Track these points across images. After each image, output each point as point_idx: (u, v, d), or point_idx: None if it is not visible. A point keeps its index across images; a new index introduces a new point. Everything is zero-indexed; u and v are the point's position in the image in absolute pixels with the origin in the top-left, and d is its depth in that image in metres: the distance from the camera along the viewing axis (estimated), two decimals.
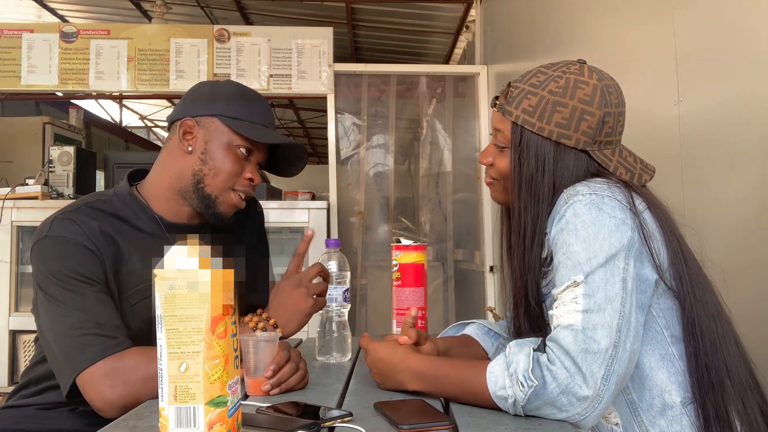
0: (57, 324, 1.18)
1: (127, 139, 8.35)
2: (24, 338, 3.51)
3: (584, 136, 1.09)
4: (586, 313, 0.97)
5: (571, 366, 0.95)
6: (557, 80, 1.11)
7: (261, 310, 1.33)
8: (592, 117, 1.09)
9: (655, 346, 1.05)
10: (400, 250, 1.43)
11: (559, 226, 1.04)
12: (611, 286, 0.98)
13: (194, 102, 1.36)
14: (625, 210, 1.02)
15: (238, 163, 1.33)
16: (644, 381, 1.05)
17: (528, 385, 0.95)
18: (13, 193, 3.53)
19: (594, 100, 1.09)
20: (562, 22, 2.65)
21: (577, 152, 1.10)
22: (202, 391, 0.79)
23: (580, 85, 1.10)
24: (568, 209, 1.03)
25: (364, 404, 1.05)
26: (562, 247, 1.03)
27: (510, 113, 1.13)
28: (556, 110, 1.09)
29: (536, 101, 1.10)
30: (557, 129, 1.09)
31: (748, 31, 1.43)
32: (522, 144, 1.11)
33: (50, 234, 1.24)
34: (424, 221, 4.28)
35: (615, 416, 1.06)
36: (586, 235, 1.00)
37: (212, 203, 1.33)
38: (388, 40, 5.54)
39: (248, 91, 1.40)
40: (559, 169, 1.10)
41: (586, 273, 0.99)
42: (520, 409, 0.97)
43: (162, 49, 4.03)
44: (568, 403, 0.94)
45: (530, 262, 1.11)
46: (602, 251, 0.99)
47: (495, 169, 1.19)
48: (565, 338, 0.97)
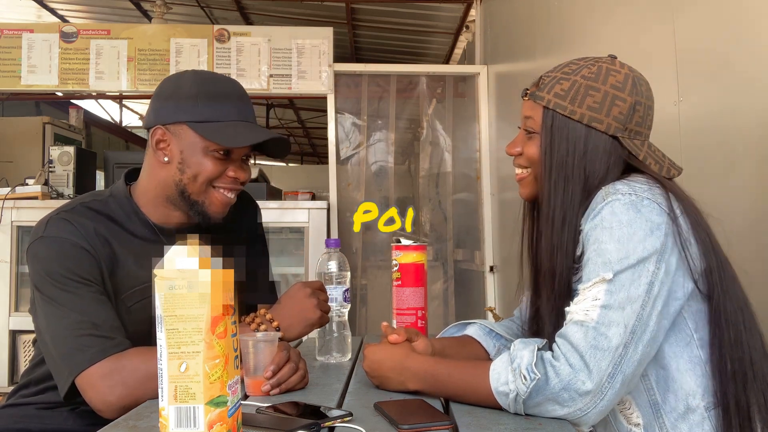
0: (55, 325, 1.18)
1: (127, 139, 8.35)
2: (24, 338, 3.51)
3: (615, 122, 1.09)
4: (604, 309, 0.97)
5: (577, 362, 0.95)
6: (590, 67, 1.12)
7: (264, 310, 1.32)
8: (623, 103, 1.09)
9: (683, 349, 1.04)
10: (400, 250, 1.43)
11: (593, 223, 1.03)
12: (635, 288, 0.98)
13: (160, 106, 1.30)
14: (662, 214, 1.01)
15: (219, 164, 1.29)
16: (669, 383, 1.04)
17: (531, 378, 0.95)
18: (13, 193, 3.53)
19: (626, 87, 1.09)
20: (562, 22, 2.65)
21: (608, 138, 1.09)
22: (202, 391, 0.79)
23: (612, 73, 1.11)
24: (605, 207, 1.02)
25: (364, 404, 1.05)
26: (594, 243, 1.02)
27: (541, 98, 1.13)
28: (588, 94, 1.09)
29: (568, 86, 1.11)
30: (589, 113, 1.09)
31: (748, 31, 1.43)
32: (553, 127, 1.11)
33: (46, 234, 1.23)
34: (424, 221, 4.28)
35: (637, 416, 1.05)
36: (620, 235, 1.00)
37: (200, 207, 1.31)
38: (388, 40, 5.54)
39: (214, 85, 1.31)
40: (590, 154, 1.09)
41: (615, 271, 0.98)
42: (520, 406, 0.97)
43: (162, 49, 4.03)
44: (569, 399, 0.95)
45: (560, 249, 1.09)
46: (635, 253, 0.99)
47: (524, 157, 1.17)
48: (575, 334, 0.97)
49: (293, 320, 1.29)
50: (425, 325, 1.43)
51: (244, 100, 1.33)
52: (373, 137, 4.23)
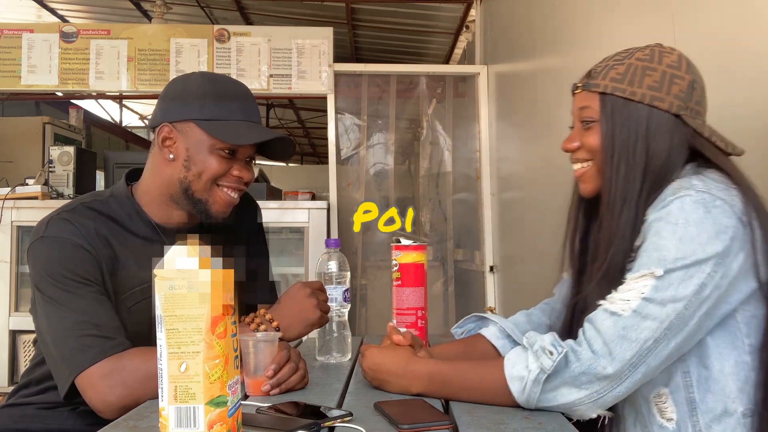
0: (55, 325, 1.18)
1: (127, 139, 8.34)
2: (24, 338, 3.51)
3: (677, 100, 1.06)
4: (645, 301, 0.96)
5: (600, 348, 0.95)
6: (642, 50, 1.09)
7: (264, 310, 1.32)
8: (682, 81, 1.07)
9: (731, 352, 1.01)
10: (400, 250, 1.43)
11: (659, 214, 1.00)
12: (684, 288, 0.95)
13: (168, 105, 1.32)
14: (733, 217, 0.97)
15: (224, 163, 1.30)
16: (710, 384, 1.01)
17: (558, 352, 0.96)
18: (13, 193, 3.53)
19: (681, 66, 1.08)
20: (562, 22, 2.65)
21: (671, 116, 1.06)
22: (202, 391, 0.79)
23: (665, 54, 1.09)
24: (675, 200, 0.99)
25: (364, 404, 1.05)
26: (654, 235, 0.99)
27: (597, 85, 1.10)
28: (646, 74, 1.06)
29: (624, 69, 1.08)
30: (650, 92, 1.06)
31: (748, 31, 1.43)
32: (614, 112, 1.08)
33: (47, 234, 1.24)
34: (424, 221, 4.28)
35: (672, 411, 1.03)
36: (683, 234, 0.96)
37: (204, 206, 1.32)
38: (388, 40, 5.54)
39: (221, 85, 1.33)
40: (653, 133, 1.06)
41: (666, 269, 0.96)
42: (537, 390, 0.96)
43: (162, 49, 4.03)
44: (587, 382, 0.95)
45: (618, 236, 1.06)
46: (693, 254, 0.96)
47: (584, 149, 1.13)
48: (605, 321, 0.97)
49: (293, 320, 1.29)
50: (425, 325, 1.43)
51: (250, 101, 1.35)
52: (373, 137, 4.23)
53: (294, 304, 1.30)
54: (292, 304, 1.30)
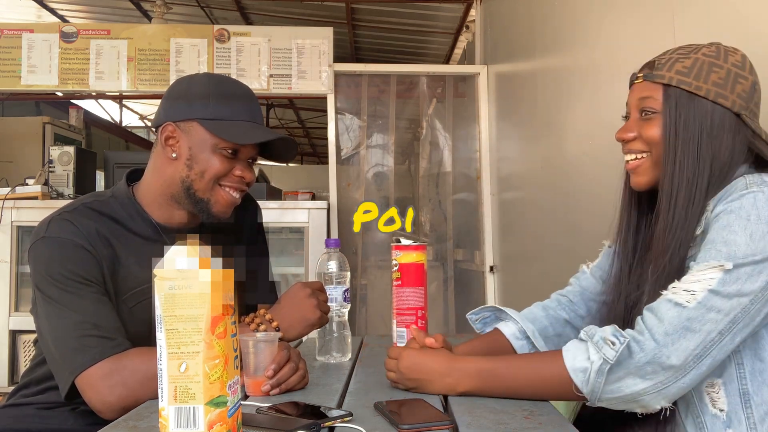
0: (55, 325, 1.18)
1: (127, 139, 8.35)
2: (24, 338, 3.51)
3: (740, 99, 1.07)
4: (711, 293, 0.95)
5: (663, 337, 0.95)
6: (708, 47, 1.09)
7: (264, 310, 1.32)
8: (746, 81, 1.07)
9: None
10: (400, 250, 1.43)
11: (729, 207, 0.99)
12: (752, 283, 0.95)
13: (172, 105, 1.32)
14: None
15: (227, 163, 1.30)
16: (765, 376, 1.01)
17: (621, 342, 0.95)
18: (13, 193, 3.53)
19: (745, 67, 1.09)
20: (562, 22, 2.65)
21: (733, 115, 1.06)
22: (202, 391, 0.79)
23: (730, 52, 1.09)
24: (747, 195, 0.98)
25: (364, 404, 1.05)
26: (724, 228, 0.98)
27: (662, 77, 1.09)
28: (712, 70, 1.07)
29: (690, 63, 1.08)
30: (715, 88, 1.06)
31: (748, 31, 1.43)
32: (678, 104, 1.07)
33: (47, 235, 1.24)
34: (424, 221, 4.28)
35: (723, 402, 1.02)
36: (755, 231, 0.96)
37: (206, 205, 1.32)
38: (388, 40, 5.54)
39: (226, 86, 1.34)
40: (716, 130, 1.06)
41: (736, 263, 0.96)
42: (601, 380, 0.96)
43: (162, 49, 4.03)
44: (652, 372, 0.95)
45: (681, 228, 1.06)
46: (763, 251, 0.96)
47: (642, 140, 1.12)
48: (668, 312, 0.96)
49: (293, 320, 1.29)
50: (425, 325, 1.43)
51: (253, 102, 1.36)
52: (373, 137, 4.23)
53: (294, 304, 1.30)
54: (292, 305, 1.30)
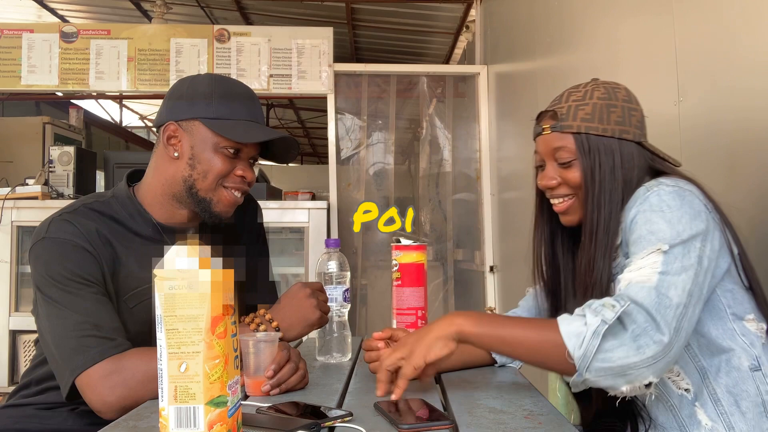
0: (56, 326, 1.18)
1: (127, 139, 8.35)
2: (24, 338, 3.51)
3: (636, 129, 1.21)
4: (662, 275, 1.03)
5: (646, 315, 1.00)
6: (597, 89, 1.22)
7: (264, 311, 1.32)
8: (636, 112, 1.22)
9: (717, 323, 1.12)
10: (400, 250, 1.43)
11: (641, 207, 1.11)
12: (688, 259, 1.05)
13: (174, 104, 1.33)
14: (701, 204, 1.11)
15: (228, 162, 1.31)
16: (712, 348, 1.12)
17: (621, 304, 0.99)
18: (13, 193, 3.53)
19: (631, 99, 1.23)
20: (562, 22, 2.65)
21: (635, 144, 1.20)
22: (202, 391, 0.79)
23: (616, 90, 1.22)
24: (652, 194, 1.11)
25: (364, 404, 1.05)
26: (645, 224, 1.09)
27: (570, 126, 1.21)
28: (611, 111, 1.20)
29: (591, 109, 1.20)
30: (618, 127, 1.19)
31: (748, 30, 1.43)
32: (591, 148, 1.20)
33: (48, 235, 1.24)
34: (424, 221, 4.28)
35: (686, 382, 1.12)
36: (671, 217, 1.08)
37: (208, 205, 1.32)
38: (388, 40, 5.54)
39: (228, 85, 1.35)
40: (626, 163, 1.19)
41: (670, 244, 1.06)
42: (593, 345, 0.98)
43: (162, 49, 4.03)
44: (645, 345, 0.98)
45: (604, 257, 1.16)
46: (685, 231, 1.07)
47: (565, 185, 1.24)
48: (639, 293, 1.02)
49: (293, 320, 1.29)
50: (425, 325, 1.43)
51: (255, 103, 1.37)
52: (373, 137, 4.23)
53: (294, 304, 1.30)
54: (292, 305, 1.30)
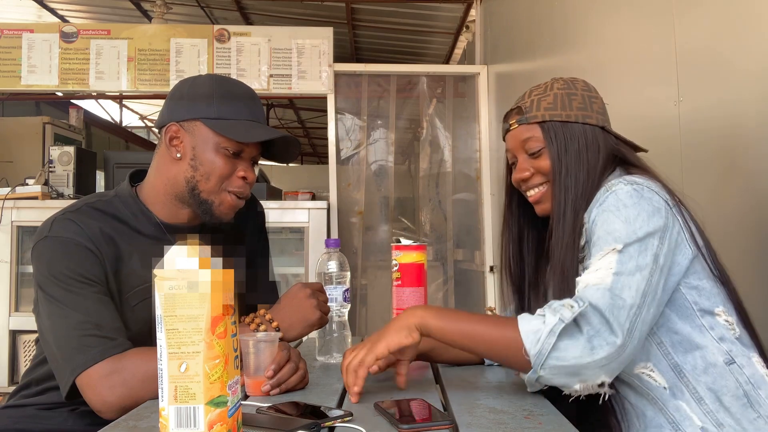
0: (57, 325, 1.18)
1: (127, 139, 8.35)
2: (24, 338, 3.51)
3: (598, 114, 1.24)
4: (617, 275, 1.04)
5: (600, 318, 1.01)
6: (556, 81, 1.26)
7: (264, 311, 1.32)
8: (597, 99, 1.25)
9: (686, 320, 1.12)
10: (400, 250, 1.43)
11: (600, 209, 1.12)
12: (643, 258, 1.06)
13: (175, 105, 1.33)
14: (661, 201, 1.11)
15: (230, 163, 1.31)
16: (686, 345, 1.11)
17: (579, 305, 1.01)
18: (13, 193, 3.53)
19: (590, 88, 1.26)
20: (562, 22, 2.65)
21: (598, 129, 1.23)
22: (202, 391, 0.79)
23: (574, 82, 1.26)
24: (609, 195, 1.12)
25: (364, 404, 1.05)
26: (602, 225, 1.10)
27: (535, 116, 1.23)
28: (571, 99, 1.23)
29: (552, 99, 1.24)
30: (580, 112, 1.22)
31: (748, 31, 1.43)
32: (557, 135, 1.22)
33: (51, 234, 1.24)
34: (424, 221, 4.28)
35: (662, 380, 1.11)
36: (627, 216, 1.09)
37: (210, 207, 1.32)
38: (388, 40, 5.54)
39: (229, 86, 1.35)
40: (591, 145, 1.21)
41: (624, 243, 1.07)
42: (549, 343, 0.99)
43: (162, 49, 4.03)
44: (598, 346, 0.99)
45: (569, 245, 1.16)
46: (641, 229, 1.07)
47: (538, 174, 1.25)
48: (593, 295, 1.03)
49: (293, 321, 1.29)
50: None
51: (256, 102, 1.37)
52: (373, 137, 4.23)
53: (294, 304, 1.31)
54: (292, 305, 1.31)
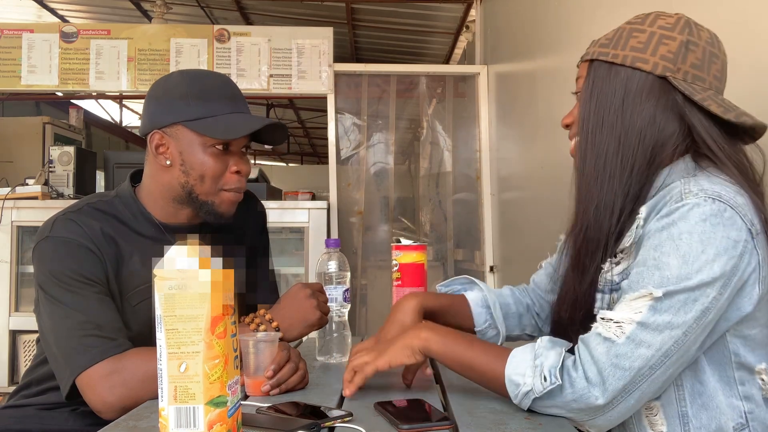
0: (58, 325, 1.18)
1: (127, 139, 8.35)
2: (24, 338, 3.51)
3: (663, 61, 0.98)
4: (640, 326, 0.89)
5: (594, 376, 0.91)
6: (637, 16, 1.04)
7: (264, 311, 1.32)
8: (673, 41, 0.98)
9: (717, 367, 0.97)
10: (400, 250, 1.43)
11: (661, 223, 0.92)
12: (684, 314, 0.88)
13: (154, 110, 1.31)
14: (743, 229, 0.89)
15: (220, 160, 1.30)
16: (705, 400, 0.96)
17: (551, 382, 0.92)
18: (13, 193, 3.53)
19: (676, 27, 1.00)
20: (562, 22, 2.65)
21: (654, 78, 0.98)
22: (202, 391, 0.79)
23: (661, 17, 1.02)
24: (680, 210, 0.90)
25: (364, 404, 1.05)
26: (656, 249, 0.91)
27: (588, 53, 1.05)
28: (632, 36, 1.01)
29: (612, 34, 1.03)
30: (632, 53, 0.99)
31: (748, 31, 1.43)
32: (595, 77, 1.02)
33: (52, 234, 1.24)
34: (424, 221, 4.28)
35: (662, 424, 0.98)
36: (688, 251, 0.88)
37: (210, 207, 1.32)
38: (388, 40, 5.54)
39: (203, 81, 1.31)
40: (631, 96, 0.99)
41: (668, 291, 0.89)
42: (527, 402, 0.96)
43: (162, 49, 4.03)
44: (578, 409, 0.93)
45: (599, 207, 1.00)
46: (698, 275, 0.88)
47: (574, 123, 1.07)
48: (598, 347, 0.91)
49: (293, 321, 1.29)
50: None
51: (234, 91, 1.33)
52: (373, 137, 4.23)
53: (294, 304, 1.30)
54: (292, 305, 1.31)
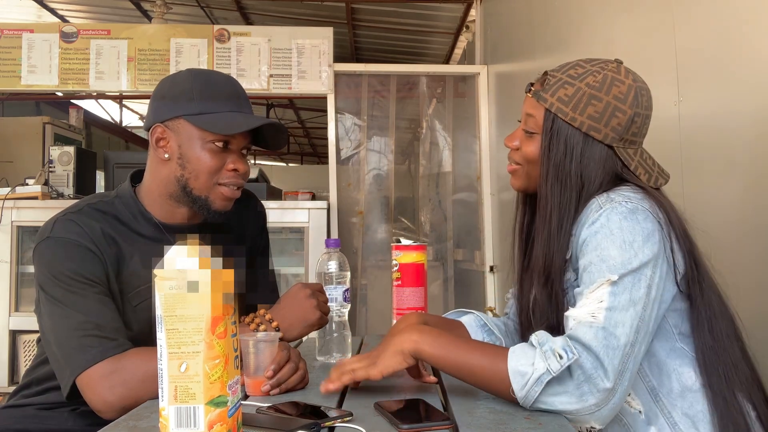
0: (58, 325, 1.18)
1: (127, 139, 8.35)
2: (24, 338, 3.51)
3: (612, 132, 1.12)
4: (609, 311, 1.00)
5: (594, 360, 0.97)
6: (595, 75, 1.14)
7: (264, 311, 1.32)
8: (623, 115, 1.12)
9: (665, 342, 1.10)
10: (400, 250, 1.43)
11: (592, 229, 1.06)
12: (636, 290, 1.02)
13: (158, 106, 1.32)
14: (654, 222, 1.06)
15: (218, 157, 1.29)
16: (661, 367, 1.09)
17: (568, 357, 0.96)
18: (13, 193, 3.53)
19: (627, 99, 1.12)
20: (562, 22, 2.65)
21: (603, 146, 1.13)
22: (202, 391, 0.79)
23: (616, 83, 1.13)
24: (602, 215, 1.06)
25: (364, 404, 1.05)
26: (595, 249, 1.05)
27: (545, 100, 1.15)
28: (590, 103, 1.12)
29: (572, 92, 1.13)
30: (588, 121, 1.12)
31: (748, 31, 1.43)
32: (553, 130, 1.14)
33: (52, 235, 1.24)
34: (424, 221, 4.28)
35: (638, 403, 1.09)
36: (621, 241, 1.03)
37: (205, 203, 1.32)
38: (388, 40, 5.54)
39: (209, 79, 1.33)
40: (586, 160, 1.13)
41: (620, 274, 1.02)
42: (536, 389, 0.96)
43: (162, 49, 4.03)
44: (588, 392, 0.96)
45: (554, 249, 1.13)
46: (636, 258, 1.03)
47: (521, 153, 1.20)
48: (586, 334, 0.99)
49: (293, 321, 1.29)
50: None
51: (238, 92, 1.34)
52: (373, 137, 4.23)
53: (294, 304, 1.30)
54: (292, 305, 1.30)
